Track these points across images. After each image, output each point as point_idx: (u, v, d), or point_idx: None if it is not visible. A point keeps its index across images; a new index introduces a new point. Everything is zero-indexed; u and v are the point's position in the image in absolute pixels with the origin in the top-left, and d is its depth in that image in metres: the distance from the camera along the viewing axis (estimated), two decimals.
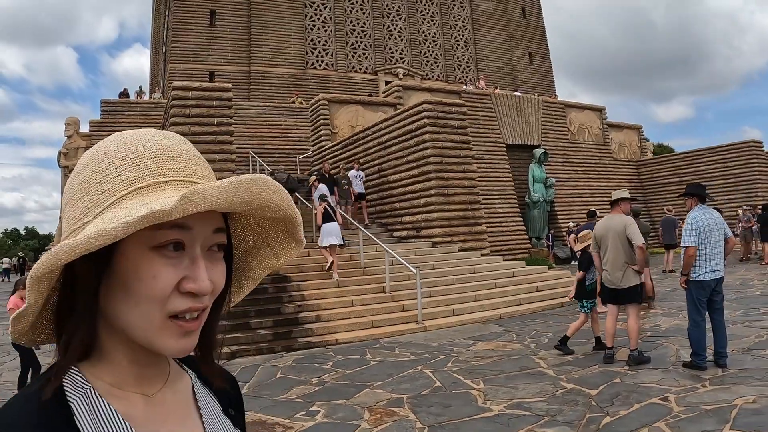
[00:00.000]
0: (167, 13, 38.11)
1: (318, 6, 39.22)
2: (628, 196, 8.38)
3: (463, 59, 43.53)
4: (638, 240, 7.43)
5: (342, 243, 13.56)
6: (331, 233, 12.95)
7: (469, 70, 43.21)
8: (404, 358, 9.00)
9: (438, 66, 42.49)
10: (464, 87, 31.65)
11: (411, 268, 11.77)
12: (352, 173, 18.50)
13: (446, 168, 16.45)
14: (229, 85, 15.21)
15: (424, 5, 43.04)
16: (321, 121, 24.13)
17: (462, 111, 17.11)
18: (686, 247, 7.12)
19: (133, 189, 0.74)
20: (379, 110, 24.12)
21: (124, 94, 31.71)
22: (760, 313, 10.65)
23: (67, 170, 26.87)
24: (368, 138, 19.66)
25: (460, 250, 15.83)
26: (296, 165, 26.53)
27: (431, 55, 42.50)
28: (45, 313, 0.81)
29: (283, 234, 0.92)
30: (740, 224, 22.46)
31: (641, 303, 8.15)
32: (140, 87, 34.09)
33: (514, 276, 14.74)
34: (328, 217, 13.20)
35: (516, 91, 34.34)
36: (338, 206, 16.65)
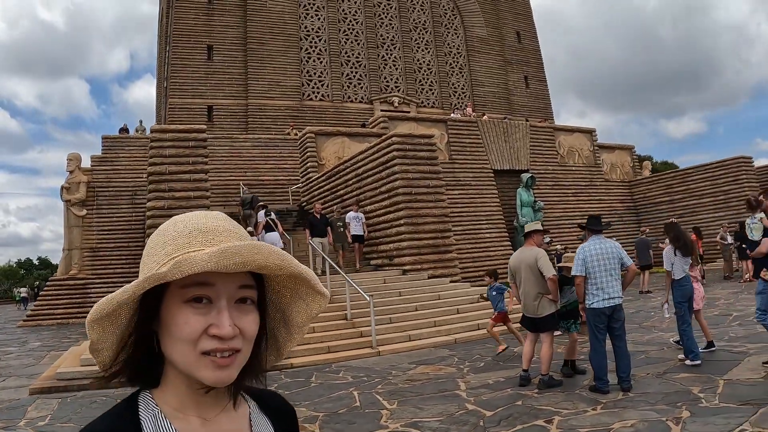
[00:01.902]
0: (167, 48, 39.28)
1: (313, 38, 40.25)
2: (541, 228, 8.75)
3: (458, 86, 44.29)
4: (548, 272, 7.91)
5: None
6: (271, 241, 14.78)
7: (465, 97, 43.93)
8: (343, 380, 9.63)
9: (433, 93, 43.26)
10: (452, 115, 32.34)
11: (365, 296, 12.37)
12: (350, 215, 18.00)
13: (416, 198, 17.11)
14: (204, 127, 16.03)
15: (419, 34, 43.95)
16: (308, 154, 24.92)
17: (431, 143, 17.78)
18: (574, 276, 7.69)
19: (170, 258, 0.93)
20: (365, 141, 24.77)
21: (124, 129, 32.78)
22: (702, 335, 10.85)
23: (69, 204, 27.77)
24: (347, 170, 20.39)
25: (429, 277, 16.44)
26: (289, 196, 27.28)
27: (426, 82, 43.30)
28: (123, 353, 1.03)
29: (307, 288, 1.08)
30: (721, 242, 22.84)
31: (556, 330, 8.66)
32: (140, 122, 35.12)
33: (479, 302, 15.29)
34: (269, 228, 16.49)
35: (504, 118, 34.84)
36: (335, 249, 17.48)
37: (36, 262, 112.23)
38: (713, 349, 9.56)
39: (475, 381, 8.82)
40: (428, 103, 42.80)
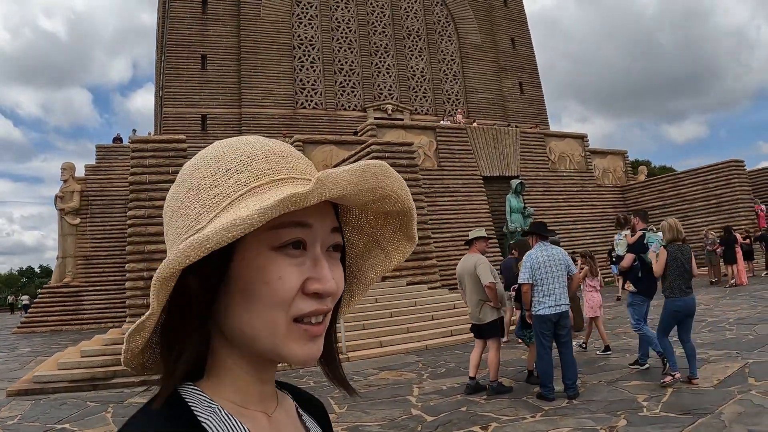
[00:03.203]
0: (163, 58, 39.62)
1: (306, 47, 40.51)
2: (484, 235, 8.79)
3: (452, 92, 44.46)
4: (485, 279, 7.96)
5: None
6: None
7: (459, 103, 44.10)
8: (305, 385, 9.75)
9: (427, 100, 43.44)
10: (441, 122, 32.53)
11: None
12: None
13: None
14: (183, 137, 16.25)
15: (412, 41, 44.16)
16: None
17: (410, 151, 17.96)
18: (521, 284, 7.82)
19: (248, 189, 0.72)
20: (353, 149, 25.02)
21: (118, 139, 33.11)
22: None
23: (63, 213, 28.12)
24: None
25: (408, 284, 16.59)
26: None
27: (420, 89, 43.49)
28: (153, 335, 0.79)
29: (394, 232, 0.88)
30: (706, 247, 22.90)
31: (502, 337, 8.78)
32: (134, 131, 35.52)
33: (455, 308, 15.43)
34: None
35: (494, 124, 34.98)
36: None
37: (38, 270, 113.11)
38: (609, 353, 10.30)
39: (430, 387, 8.96)
40: (422, 110, 42.99)
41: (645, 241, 8.89)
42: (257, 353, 0.76)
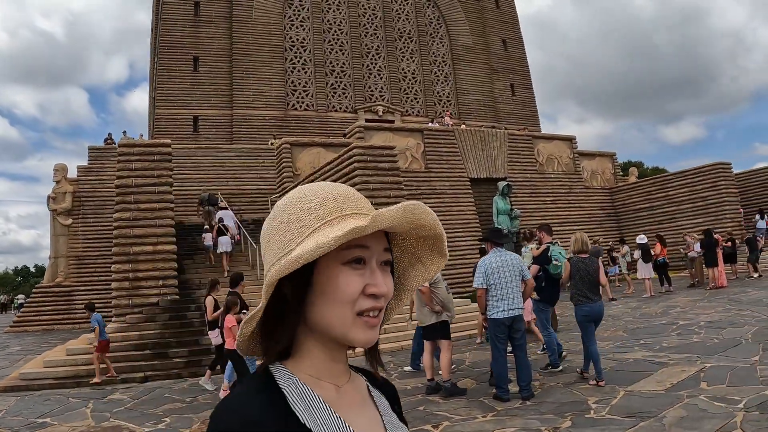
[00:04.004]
0: (156, 59, 39.87)
1: (298, 49, 40.79)
2: None
3: (443, 94, 44.73)
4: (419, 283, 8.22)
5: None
6: (223, 243, 19.02)
7: (450, 105, 44.38)
8: None
9: (418, 102, 43.72)
10: (429, 124, 32.79)
11: None
12: None
13: (377, 208, 17.47)
14: (169, 141, 16.55)
15: (404, 43, 44.44)
16: (284, 164, 25.38)
17: (393, 154, 18.21)
18: (475, 288, 8.11)
19: (324, 222, 0.98)
20: (340, 151, 25.21)
21: (109, 140, 33.37)
22: (640, 344, 11.09)
23: (55, 213, 28.41)
24: (315, 181, 20.81)
25: None
26: (269, 204, 27.72)
27: (411, 91, 43.77)
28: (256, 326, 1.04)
29: (431, 251, 1.14)
30: (687, 251, 23.13)
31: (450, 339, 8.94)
32: (124, 132, 35.84)
33: None
34: (221, 233, 19.27)
35: (481, 126, 35.20)
36: None
37: (33, 269, 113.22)
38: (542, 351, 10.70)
39: (396, 386, 9.22)
40: (413, 112, 43.27)
41: (549, 254, 9.48)
42: (331, 338, 1.01)
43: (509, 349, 8.16)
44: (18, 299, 57.19)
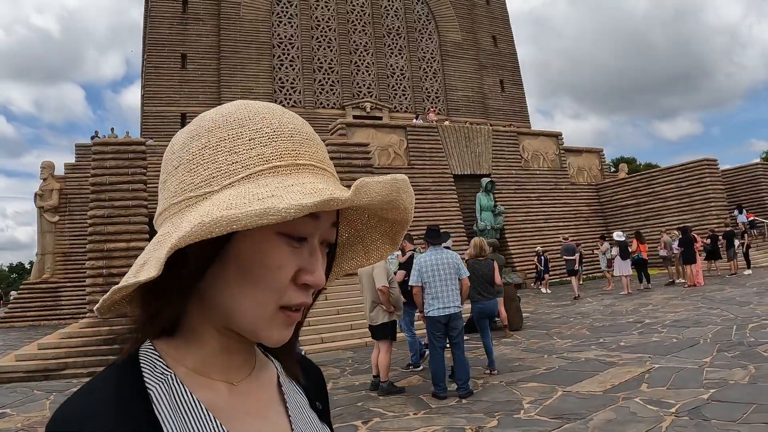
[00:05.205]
0: (144, 57, 39.97)
1: (286, 45, 40.88)
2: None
3: (432, 90, 44.80)
4: (379, 282, 8.26)
5: None
6: None
7: (438, 101, 44.46)
8: None
9: (406, 98, 43.80)
10: (413, 121, 32.88)
11: None
12: None
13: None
14: (143, 139, 16.66)
15: (392, 39, 44.51)
16: None
17: (366, 151, 18.37)
18: (411, 286, 8.25)
19: (270, 166, 0.71)
20: None
21: (96, 137, 33.45)
22: (598, 342, 11.07)
23: (42, 210, 28.56)
24: None
25: None
26: None
27: (399, 87, 43.86)
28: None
29: (382, 235, 0.90)
30: (660, 249, 23.27)
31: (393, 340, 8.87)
32: (111, 129, 35.88)
33: None
34: None
35: (466, 122, 35.29)
36: None
37: (27, 266, 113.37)
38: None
39: (344, 382, 9.36)
40: (401, 108, 43.36)
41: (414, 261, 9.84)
42: (232, 328, 0.75)
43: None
44: (11, 296, 57.65)
